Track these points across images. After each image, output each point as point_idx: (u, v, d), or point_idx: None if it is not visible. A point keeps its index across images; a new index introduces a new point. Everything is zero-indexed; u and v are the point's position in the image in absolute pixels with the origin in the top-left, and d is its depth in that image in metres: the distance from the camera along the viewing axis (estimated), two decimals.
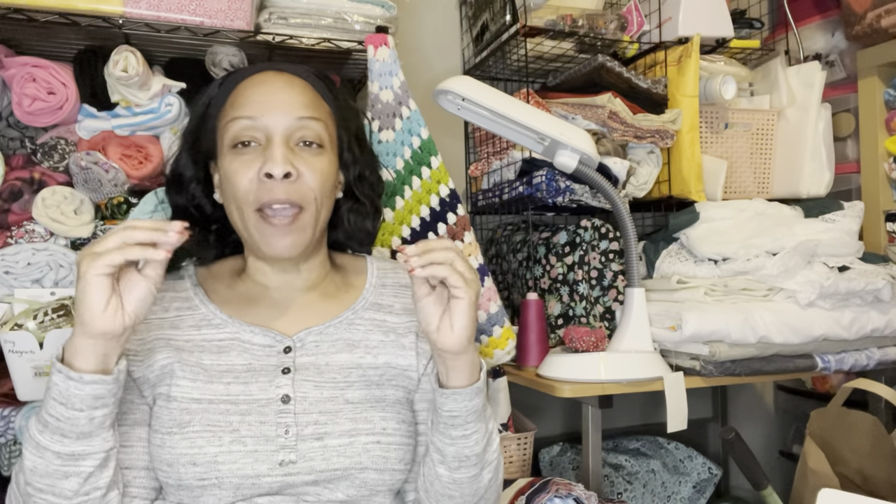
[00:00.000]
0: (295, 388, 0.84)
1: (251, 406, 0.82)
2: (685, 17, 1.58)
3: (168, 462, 0.79)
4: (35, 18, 1.11)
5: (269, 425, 0.81)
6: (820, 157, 1.65)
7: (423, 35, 1.80)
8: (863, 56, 1.70)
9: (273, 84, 0.87)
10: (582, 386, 1.25)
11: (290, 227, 0.84)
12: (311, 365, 0.86)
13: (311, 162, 0.86)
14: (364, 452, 0.82)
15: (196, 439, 0.79)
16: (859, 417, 1.40)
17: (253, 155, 0.84)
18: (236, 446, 0.79)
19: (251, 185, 0.83)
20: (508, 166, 1.56)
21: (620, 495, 1.71)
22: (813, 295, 1.30)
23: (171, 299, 0.90)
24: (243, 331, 0.87)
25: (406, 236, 1.31)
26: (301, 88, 0.88)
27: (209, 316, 0.88)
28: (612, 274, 1.46)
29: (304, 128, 0.85)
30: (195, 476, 0.78)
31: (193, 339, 0.86)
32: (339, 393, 0.85)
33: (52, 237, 1.18)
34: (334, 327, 0.90)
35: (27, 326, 1.06)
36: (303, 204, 0.85)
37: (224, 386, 0.83)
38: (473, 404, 0.83)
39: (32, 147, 1.20)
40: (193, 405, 0.81)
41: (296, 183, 0.84)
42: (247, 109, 0.85)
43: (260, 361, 0.86)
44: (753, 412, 2.14)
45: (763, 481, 1.31)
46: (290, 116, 0.85)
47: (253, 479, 0.79)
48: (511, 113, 1.23)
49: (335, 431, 0.82)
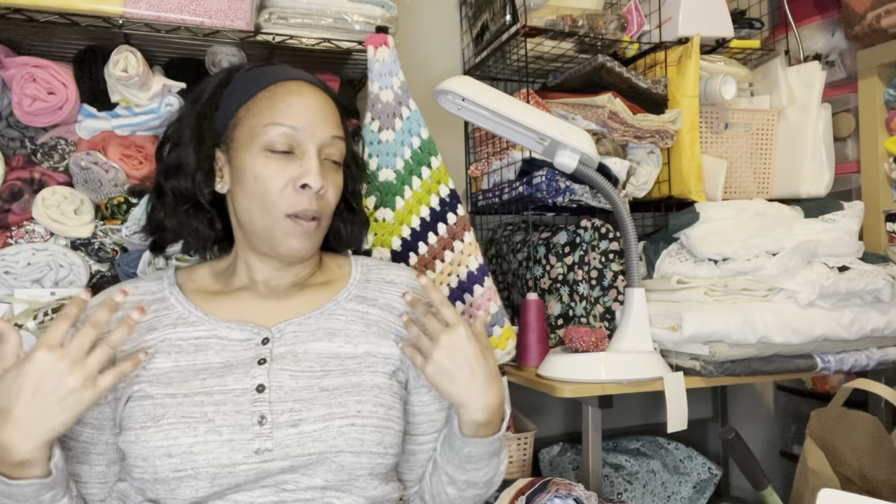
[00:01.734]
0: (270, 377, 0.84)
1: (226, 396, 0.82)
2: (685, 17, 1.58)
3: (143, 456, 0.80)
4: (35, 18, 1.11)
5: (244, 414, 0.81)
6: (820, 157, 1.65)
7: (423, 35, 1.80)
8: (863, 56, 1.70)
9: (314, 98, 0.92)
10: (582, 386, 1.25)
11: (311, 233, 0.90)
12: (289, 353, 0.87)
13: (334, 178, 0.93)
14: (339, 435, 0.83)
15: (171, 430, 0.80)
16: (859, 417, 1.40)
17: (286, 162, 0.88)
18: (211, 436, 0.80)
19: (285, 192, 0.88)
20: (508, 166, 1.56)
21: (620, 495, 1.71)
22: (813, 295, 1.30)
23: (149, 302, 0.91)
24: (220, 327, 0.88)
25: (406, 236, 1.31)
26: (333, 108, 0.94)
27: (185, 314, 0.89)
28: (612, 274, 1.46)
29: (333, 145, 0.92)
30: (171, 468, 0.79)
31: (169, 338, 0.87)
32: (314, 382, 0.86)
33: (52, 237, 1.18)
34: (314, 318, 0.92)
35: (27, 326, 1.06)
36: (322, 215, 0.91)
37: (199, 381, 0.84)
38: (493, 448, 0.90)
39: (32, 147, 1.20)
40: (168, 399, 0.82)
41: (323, 197, 0.90)
42: (290, 119, 0.88)
43: (237, 357, 0.86)
44: (753, 412, 2.14)
45: (763, 481, 1.31)
46: (327, 134, 0.91)
47: (229, 468, 0.79)
48: (511, 113, 1.23)
49: (310, 417, 0.83)
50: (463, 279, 1.29)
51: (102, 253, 1.19)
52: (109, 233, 1.18)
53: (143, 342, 0.87)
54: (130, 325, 0.79)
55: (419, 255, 1.30)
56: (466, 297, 1.29)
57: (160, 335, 0.87)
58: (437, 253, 1.30)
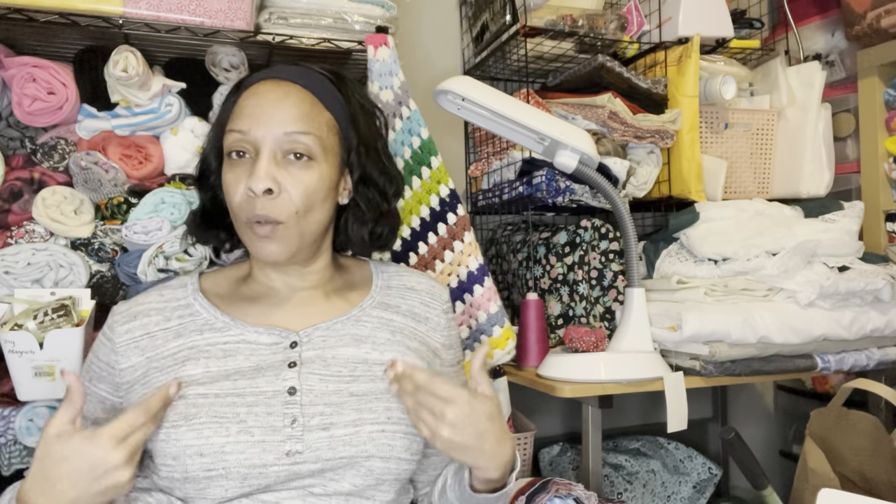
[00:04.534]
0: (301, 380, 0.84)
1: (258, 398, 0.82)
2: (685, 17, 1.58)
3: (173, 455, 0.80)
4: (35, 18, 1.11)
5: (275, 416, 0.81)
6: (820, 157, 1.65)
7: (423, 35, 1.80)
8: (863, 56, 1.70)
9: (266, 96, 0.87)
10: (582, 386, 1.25)
11: (269, 238, 0.86)
12: (318, 358, 0.87)
13: (298, 176, 0.86)
14: (369, 441, 0.83)
15: (203, 430, 0.79)
16: (859, 417, 1.40)
17: (243, 168, 0.86)
18: (243, 436, 0.80)
19: (242, 199, 0.86)
20: (508, 166, 1.56)
21: (620, 495, 1.71)
22: (813, 295, 1.30)
23: (174, 308, 0.91)
24: (248, 332, 0.88)
25: (406, 236, 1.31)
26: (296, 100, 0.87)
27: (211, 320, 0.89)
28: (612, 274, 1.46)
29: (292, 142, 0.86)
30: (202, 467, 0.79)
31: (198, 344, 0.87)
32: (343, 386, 0.85)
33: (52, 237, 1.18)
34: (342, 324, 0.91)
35: (27, 326, 1.06)
36: (280, 219, 0.85)
37: (231, 382, 0.83)
38: (504, 499, 0.89)
39: (32, 147, 1.20)
40: (200, 399, 0.82)
41: (276, 199, 0.85)
42: (240, 122, 0.87)
43: (267, 360, 0.86)
44: (753, 412, 2.14)
45: (763, 481, 1.31)
46: (279, 131, 0.85)
47: (260, 469, 0.79)
48: (511, 113, 1.23)
49: (340, 422, 0.83)
50: (463, 279, 1.29)
51: (102, 253, 1.19)
52: (109, 233, 1.18)
53: (168, 349, 0.87)
54: (166, 397, 0.79)
55: (419, 255, 1.30)
56: (466, 297, 1.29)
57: (187, 341, 0.87)
58: (437, 253, 1.30)
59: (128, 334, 0.88)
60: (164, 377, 0.84)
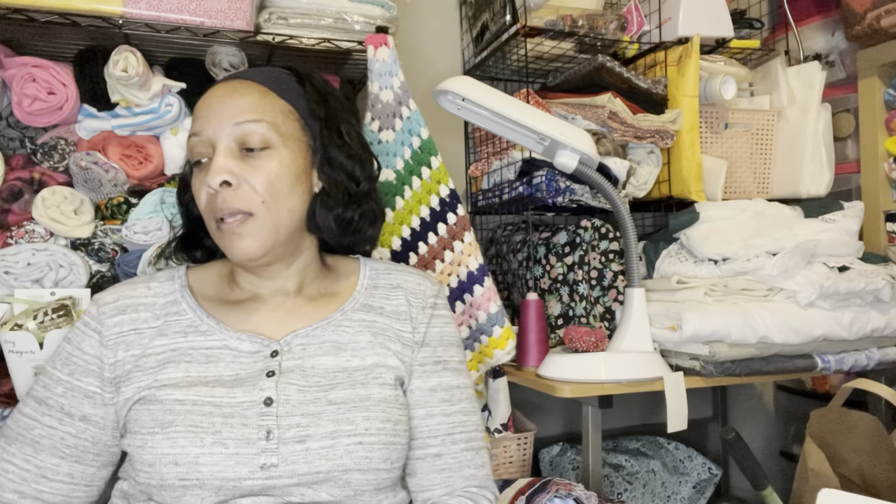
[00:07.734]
0: (278, 390, 0.83)
1: (234, 409, 0.82)
2: (685, 17, 1.58)
3: (149, 462, 0.79)
4: (35, 18, 1.11)
5: (250, 428, 0.81)
6: (820, 158, 1.65)
7: (423, 35, 1.80)
8: (863, 56, 1.70)
9: (213, 96, 0.88)
10: (582, 386, 1.25)
11: (240, 234, 0.85)
12: (297, 368, 0.86)
13: (257, 166, 0.85)
14: (346, 454, 0.82)
15: (178, 439, 0.79)
16: (859, 417, 1.40)
17: (206, 170, 0.86)
18: (218, 448, 0.79)
19: (206, 199, 0.86)
20: (508, 166, 1.56)
21: (620, 495, 1.71)
22: (813, 295, 1.30)
23: (163, 305, 0.90)
24: (231, 337, 0.88)
25: (406, 236, 1.31)
26: (242, 92, 0.87)
27: (196, 322, 0.88)
28: (612, 274, 1.46)
29: (244, 132, 0.85)
30: (177, 476, 0.78)
31: (181, 346, 0.86)
32: (322, 395, 0.84)
33: (52, 237, 1.18)
34: (321, 329, 0.90)
35: (27, 326, 1.06)
36: (249, 210, 0.85)
37: (209, 388, 0.83)
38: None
39: (32, 147, 1.20)
40: (177, 406, 0.81)
41: (238, 190, 0.84)
42: (195, 125, 0.87)
43: (247, 370, 0.86)
44: (753, 412, 2.14)
45: (763, 481, 1.31)
46: (228, 123, 0.85)
47: (234, 482, 0.79)
48: (511, 113, 1.23)
49: (317, 434, 0.82)
50: (463, 279, 1.29)
51: (102, 253, 1.19)
52: (109, 233, 1.18)
53: (152, 348, 0.86)
54: None
55: (419, 256, 1.30)
56: (466, 297, 1.29)
57: (171, 342, 0.86)
58: (437, 253, 1.30)
59: (116, 328, 0.87)
60: (146, 378, 0.84)
